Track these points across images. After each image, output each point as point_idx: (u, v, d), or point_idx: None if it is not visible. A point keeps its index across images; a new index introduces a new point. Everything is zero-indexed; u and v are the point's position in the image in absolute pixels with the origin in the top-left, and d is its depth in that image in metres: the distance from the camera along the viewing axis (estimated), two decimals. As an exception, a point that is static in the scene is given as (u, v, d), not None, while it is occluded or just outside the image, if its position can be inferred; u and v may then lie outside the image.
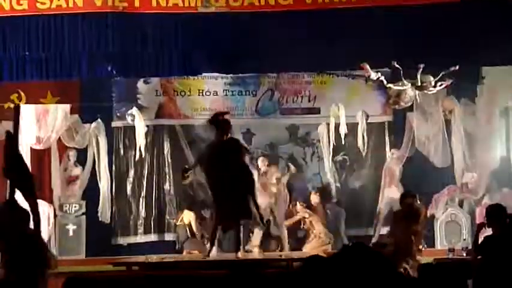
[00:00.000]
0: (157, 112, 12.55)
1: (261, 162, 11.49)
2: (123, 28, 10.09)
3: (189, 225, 11.45)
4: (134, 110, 12.17)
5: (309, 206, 11.53)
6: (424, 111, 11.92)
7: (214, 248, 9.94)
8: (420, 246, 9.11)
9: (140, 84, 12.46)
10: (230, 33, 10.05)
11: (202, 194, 11.99)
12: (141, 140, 12.13)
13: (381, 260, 2.93)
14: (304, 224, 11.40)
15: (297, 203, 11.54)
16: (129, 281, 8.49)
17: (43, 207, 11.34)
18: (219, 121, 9.62)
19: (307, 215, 11.32)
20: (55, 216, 11.63)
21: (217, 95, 12.59)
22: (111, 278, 8.40)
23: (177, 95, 12.60)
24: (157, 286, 8.23)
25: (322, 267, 3.29)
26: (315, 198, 11.62)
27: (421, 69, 10.29)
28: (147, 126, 12.27)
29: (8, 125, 11.61)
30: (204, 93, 12.59)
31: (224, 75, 12.18)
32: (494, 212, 7.11)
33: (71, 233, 11.72)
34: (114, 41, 10.07)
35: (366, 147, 12.22)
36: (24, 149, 11.44)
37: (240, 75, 12.17)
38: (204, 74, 11.82)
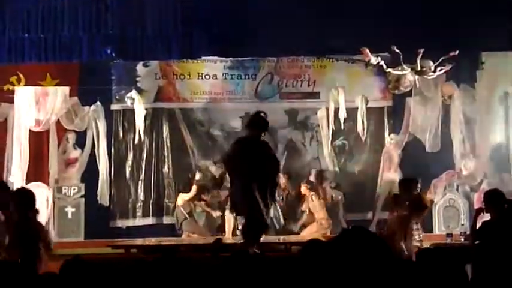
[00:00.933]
0: (156, 95, 12.52)
1: None
2: (123, 11, 10.07)
3: (184, 206, 11.44)
4: (133, 93, 12.15)
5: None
6: (424, 96, 11.89)
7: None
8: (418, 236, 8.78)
9: (139, 67, 12.42)
10: (230, 16, 10.02)
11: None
12: (140, 123, 12.11)
13: (380, 244, 2.93)
14: (304, 207, 11.36)
15: (301, 184, 11.46)
16: (127, 263, 8.50)
17: (41, 189, 11.38)
18: (261, 119, 9.07)
19: (312, 197, 11.21)
20: (53, 198, 11.64)
21: (216, 78, 12.55)
22: (110, 261, 8.38)
23: (177, 78, 12.56)
24: (156, 269, 8.23)
25: (322, 252, 3.30)
26: (314, 183, 11.58)
27: (420, 54, 10.27)
28: (146, 109, 12.25)
29: (7, 107, 11.75)
30: (203, 77, 12.55)
31: (224, 58, 12.16)
32: (493, 197, 7.14)
33: (69, 216, 11.72)
34: (114, 24, 10.05)
35: (365, 132, 12.21)
36: (23, 131, 11.50)
37: (240, 59, 12.14)
38: (203, 58, 11.84)
